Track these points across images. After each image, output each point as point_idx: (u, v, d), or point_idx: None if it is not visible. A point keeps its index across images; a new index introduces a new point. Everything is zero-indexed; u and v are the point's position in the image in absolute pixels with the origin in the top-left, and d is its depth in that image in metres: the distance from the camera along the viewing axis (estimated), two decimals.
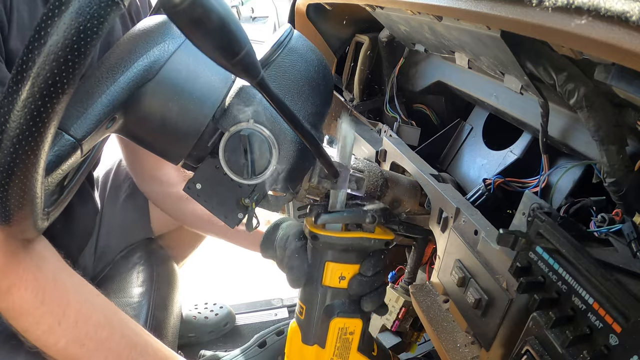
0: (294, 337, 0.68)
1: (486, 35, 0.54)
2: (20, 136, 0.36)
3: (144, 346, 0.74)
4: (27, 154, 0.38)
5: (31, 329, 0.65)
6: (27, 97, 0.34)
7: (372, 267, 0.63)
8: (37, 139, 0.37)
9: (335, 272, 0.63)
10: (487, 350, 0.57)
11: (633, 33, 0.30)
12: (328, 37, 1.11)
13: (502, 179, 0.70)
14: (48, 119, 0.36)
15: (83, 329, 0.68)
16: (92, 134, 0.47)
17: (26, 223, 0.47)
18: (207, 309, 1.45)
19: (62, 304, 0.67)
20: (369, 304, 0.64)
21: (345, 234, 0.61)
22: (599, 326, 0.39)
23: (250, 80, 0.40)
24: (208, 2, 0.33)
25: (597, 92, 0.49)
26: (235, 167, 0.54)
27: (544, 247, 0.46)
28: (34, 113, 0.35)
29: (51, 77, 0.34)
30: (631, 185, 0.49)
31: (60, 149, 0.45)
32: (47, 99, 0.35)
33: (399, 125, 0.97)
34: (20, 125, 0.36)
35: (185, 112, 0.52)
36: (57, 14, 0.33)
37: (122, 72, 0.48)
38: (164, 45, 0.51)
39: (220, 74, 0.54)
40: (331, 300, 0.64)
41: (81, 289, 0.71)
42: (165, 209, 1.13)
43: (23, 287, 0.63)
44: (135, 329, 0.75)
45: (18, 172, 0.39)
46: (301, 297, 0.67)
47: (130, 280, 1.06)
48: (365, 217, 0.61)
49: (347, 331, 0.65)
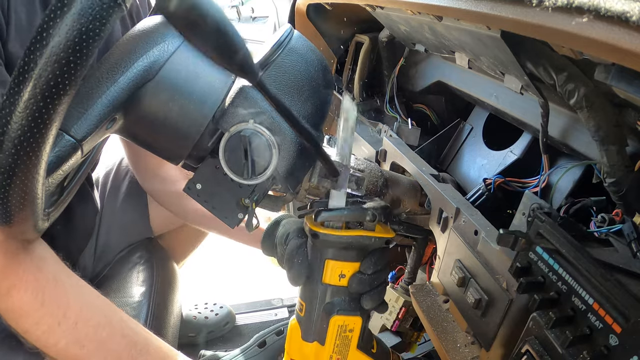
0: (293, 333, 0.68)
1: (486, 35, 0.54)
2: (21, 137, 0.36)
3: (144, 344, 0.74)
4: (28, 155, 0.38)
5: (31, 330, 0.65)
6: (29, 98, 0.34)
7: (372, 265, 0.63)
8: (39, 140, 0.37)
9: (335, 270, 0.63)
10: (487, 350, 0.57)
11: (633, 33, 0.30)
12: (328, 37, 1.11)
13: (502, 178, 0.70)
14: (50, 120, 0.36)
15: (83, 330, 0.68)
16: (92, 134, 0.47)
17: (27, 224, 0.47)
18: (207, 309, 1.45)
19: (62, 305, 0.67)
20: (369, 301, 0.64)
21: (345, 232, 0.61)
22: (599, 326, 0.39)
23: (249, 81, 0.41)
24: (202, 7, 0.34)
25: (597, 92, 0.49)
26: (236, 168, 0.54)
27: (544, 247, 0.46)
28: (35, 114, 0.35)
29: (53, 78, 0.34)
30: (631, 185, 0.49)
31: (60, 149, 0.45)
32: (48, 100, 0.35)
33: (399, 125, 0.97)
34: (22, 126, 0.36)
35: (185, 113, 0.52)
36: (59, 15, 0.33)
37: (122, 72, 0.48)
38: (164, 46, 0.51)
39: (220, 75, 0.54)
40: (331, 298, 0.64)
41: (81, 290, 0.71)
42: (168, 207, 1.13)
43: (23, 288, 0.63)
44: (135, 328, 0.75)
45: (19, 173, 0.39)
46: (301, 294, 0.67)
47: (130, 280, 1.06)
48: (366, 215, 0.61)
49: (346, 328, 0.65)
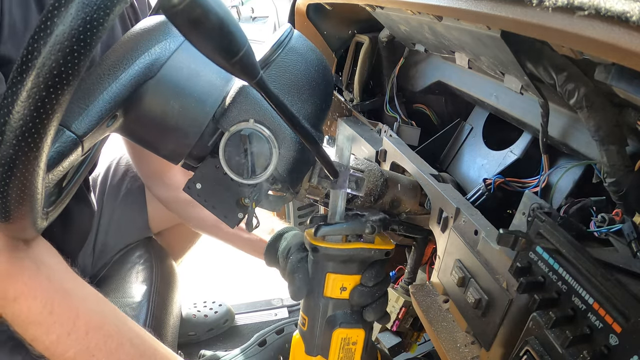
0: (297, 348, 0.68)
1: (486, 35, 0.54)
2: (23, 127, 0.36)
3: (152, 354, 0.74)
4: (30, 147, 0.37)
5: (40, 339, 0.65)
6: (32, 87, 0.34)
7: (373, 277, 0.63)
8: (41, 131, 0.37)
9: (336, 283, 0.63)
10: (487, 350, 0.57)
11: (633, 33, 0.30)
12: (328, 37, 1.11)
13: (502, 178, 0.70)
14: (52, 110, 0.36)
15: (93, 340, 0.68)
16: (93, 131, 0.47)
17: (26, 220, 0.47)
18: (207, 307, 1.46)
19: (72, 314, 0.66)
20: (371, 314, 0.64)
21: (345, 245, 0.61)
22: (599, 326, 0.39)
23: (249, 81, 0.40)
24: (206, 2, 0.33)
25: (597, 92, 0.49)
26: (236, 167, 0.54)
27: (544, 247, 0.46)
28: (38, 104, 0.35)
29: (57, 67, 0.34)
30: (631, 185, 0.49)
31: (61, 145, 0.45)
32: (52, 89, 0.35)
33: (399, 125, 0.97)
34: (24, 116, 0.35)
35: (185, 111, 0.52)
36: (64, 4, 0.33)
37: (123, 69, 0.48)
38: (165, 44, 0.51)
39: (220, 74, 0.54)
40: (333, 311, 0.64)
41: (90, 299, 0.71)
42: (174, 212, 1.14)
43: (31, 296, 0.63)
44: (144, 336, 0.75)
45: (20, 165, 0.38)
46: (303, 308, 0.67)
47: (129, 279, 1.06)
48: (365, 228, 0.61)
49: (349, 341, 0.65)
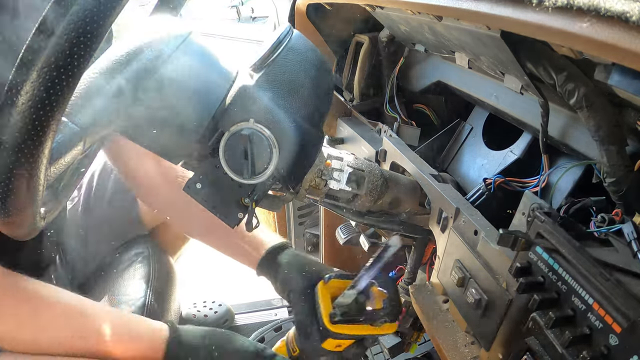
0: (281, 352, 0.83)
1: (486, 35, 0.54)
2: (32, 109, 0.35)
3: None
4: (36, 130, 0.36)
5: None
6: (43, 67, 0.34)
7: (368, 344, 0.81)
8: (49, 114, 0.36)
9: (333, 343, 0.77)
10: (487, 350, 0.57)
11: (633, 33, 0.30)
12: (328, 37, 1.11)
13: (502, 178, 0.70)
14: (62, 92, 0.35)
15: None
16: (95, 125, 0.47)
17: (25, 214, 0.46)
18: (206, 307, 1.46)
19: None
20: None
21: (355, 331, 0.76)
22: (599, 326, 0.39)
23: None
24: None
25: (597, 92, 0.49)
26: (236, 167, 0.54)
27: (543, 247, 0.46)
28: (48, 84, 0.35)
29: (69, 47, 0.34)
30: (631, 185, 0.49)
31: (64, 137, 0.45)
32: (62, 70, 0.34)
33: (399, 125, 0.97)
34: (34, 96, 0.35)
35: (185, 111, 0.52)
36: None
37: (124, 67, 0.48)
38: (166, 43, 0.51)
39: (221, 74, 0.54)
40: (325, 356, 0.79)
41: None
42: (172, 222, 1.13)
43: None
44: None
45: (26, 150, 0.37)
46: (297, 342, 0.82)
47: (126, 278, 1.05)
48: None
49: None
